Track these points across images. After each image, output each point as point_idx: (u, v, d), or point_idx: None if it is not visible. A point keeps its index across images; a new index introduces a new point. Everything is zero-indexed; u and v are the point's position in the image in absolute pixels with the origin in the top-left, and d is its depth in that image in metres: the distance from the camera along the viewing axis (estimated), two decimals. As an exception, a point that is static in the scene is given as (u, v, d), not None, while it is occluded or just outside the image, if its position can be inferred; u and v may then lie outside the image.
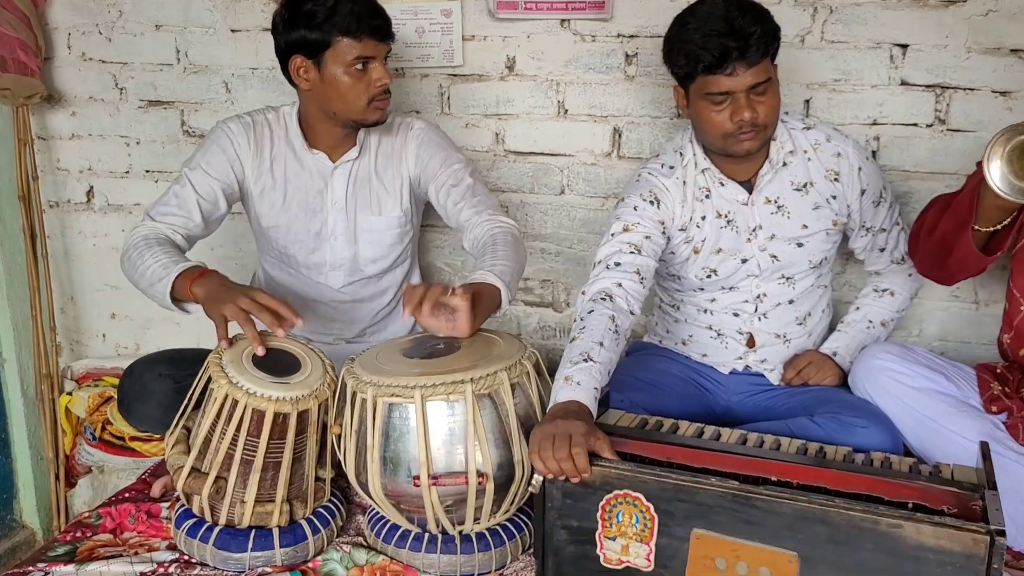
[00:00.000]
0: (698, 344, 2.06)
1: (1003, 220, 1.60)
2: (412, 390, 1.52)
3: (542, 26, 2.31)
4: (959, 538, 1.23)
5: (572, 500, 1.44)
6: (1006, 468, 1.64)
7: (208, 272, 1.77)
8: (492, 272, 1.72)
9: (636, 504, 1.40)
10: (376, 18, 1.84)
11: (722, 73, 1.73)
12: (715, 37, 1.71)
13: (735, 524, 1.35)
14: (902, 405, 1.76)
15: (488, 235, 1.85)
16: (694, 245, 1.95)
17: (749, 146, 1.81)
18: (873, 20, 2.14)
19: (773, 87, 1.79)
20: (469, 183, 1.97)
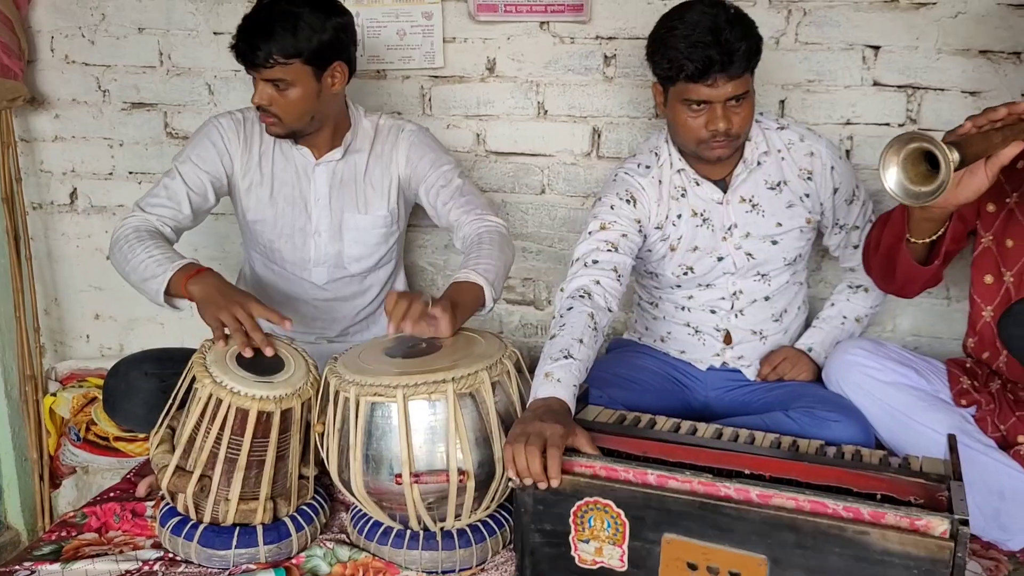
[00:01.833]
0: (676, 341, 2.10)
1: (936, 231, 1.63)
2: (394, 389, 1.55)
3: (522, 28, 2.34)
4: (924, 544, 1.26)
5: (544, 506, 1.46)
6: (975, 460, 1.69)
7: (204, 271, 1.79)
8: (476, 271, 1.76)
9: (607, 510, 1.43)
10: (246, 54, 1.85)
11: (703, 83, 1.76)
12: (701, 48, 1.73)
13: (705, 529, 1.37)
14: (874, 399, 1.79)
15: (475, 234, 1.89)
16: (670, 243, 1.98)
17: (720, 153, 1.85)
18: (846, 22, 2.18)
19: (749, 98, 1.82)
20: (458, 184, 2.00)
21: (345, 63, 1.93)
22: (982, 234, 1.77)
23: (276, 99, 1.88)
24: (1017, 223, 1.71)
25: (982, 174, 1.45)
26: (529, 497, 1.47)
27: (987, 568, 1.61)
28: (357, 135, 2.05)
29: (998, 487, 1.67)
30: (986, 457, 1.70)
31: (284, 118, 1.91)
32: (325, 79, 1.90)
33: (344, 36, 1.91)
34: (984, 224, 1.76)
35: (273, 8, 1.85)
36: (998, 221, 1.74)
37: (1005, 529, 1.66)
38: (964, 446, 1.67)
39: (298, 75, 1.85)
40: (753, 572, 1.36)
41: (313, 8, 1.85)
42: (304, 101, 1.89)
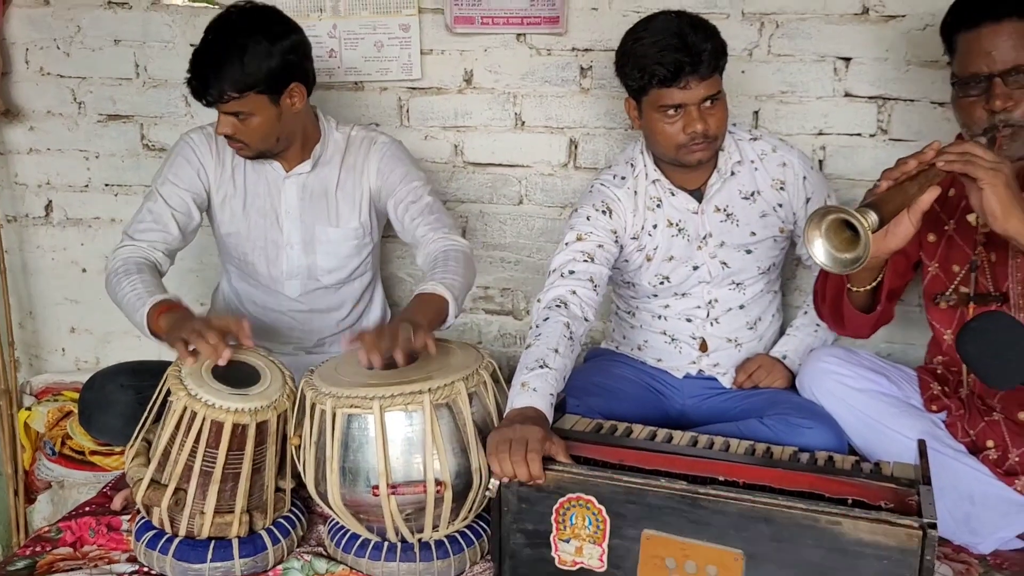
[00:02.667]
0: (653, 349, 2.12)
1: (875, 278, 1.66)
2: (371, 401, 1.55)
3: (499, 40, 2.35)
4: (894, 533, 1.29)
5: (528, 504, 1.48)
6: (945, 465, 1.71)
7: (175, 306, 1.80)
8: (442, 283, 1.77)
9: (588, 507, 1.44)
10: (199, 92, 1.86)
11: (676, 86, 1.79)
12: (670, 52, 1.76)
13: (683, 524, 1.39)
14: (846, 406, 1.81)
15: (441, 251, 1.90)
16: (646, 253, 2.00)
17: (700, 156, 1.87)
18: (817, 34, 2.21)
19: (722, 100, 1.86)
20: (428, 201, 2.01)
21: (301, 82, 1.92)
22: (928, 263, 1.80)
23: (239, 128, 1.89)
24: (959, 248, 1.75)
25: (907, 222, 1.48)
26: (513, 495, 1.49)
27: (958, 571, 1.64)
28: (328, 147, 2.06)
29: (968, 491, 1.69)
30: (956, 462, 1.72)
31: (250, 143, 1.92)
32: (283, 102, 1.90)
33: (294, 57, 1.89)
34: (927, 254, 1.80)
35: (219, 42, 1.84)
36: (940, 249, 1.78)
37: (975, 533, 1.68)
38: (935, 451, 1.70)
39: (255, 105, 1.86)
40: (729, 567, 1.38)
41: (259, 36, 1.84)
42: (266, 126, 1.90)
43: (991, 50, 1.58)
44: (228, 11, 1.90)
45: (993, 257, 1.69)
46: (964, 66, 1.64)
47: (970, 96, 1.63)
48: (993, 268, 1.69)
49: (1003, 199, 1.43)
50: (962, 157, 1.44)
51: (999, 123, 1.59)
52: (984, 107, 1.61)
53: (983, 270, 1.71)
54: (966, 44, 1.63)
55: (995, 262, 1.69)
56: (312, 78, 1.98)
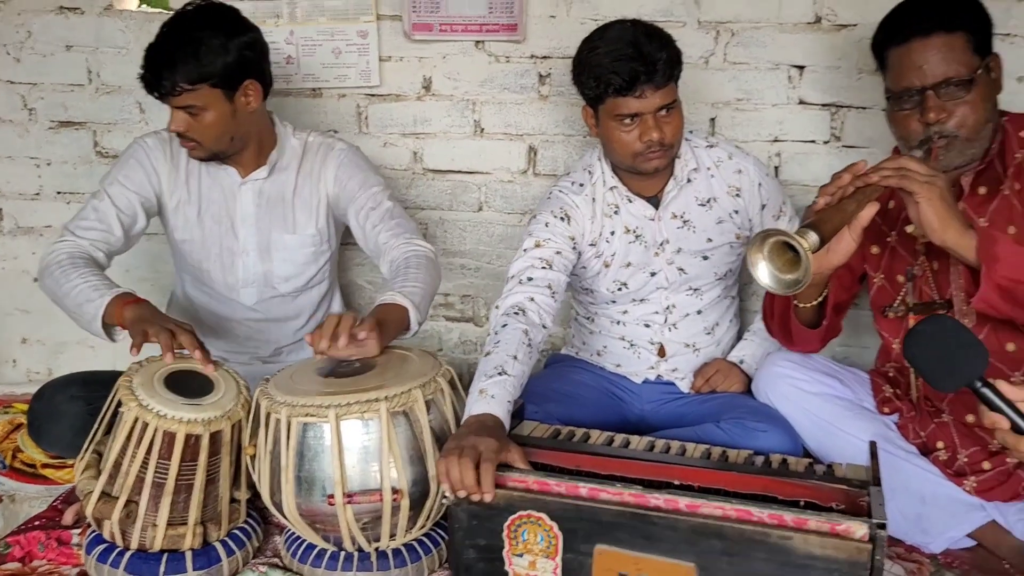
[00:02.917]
0: (612, 355, 2.12)
1: (820, 293, 1.70)
2: (326, 409, 1.54)
3: (457, 47, 2.36)
4: (844, 547, 1.29)
5: (478, 521, 1.47)
6: (897, 466, 1.74)
7: (142, 301, 1.77)
8: (402, 293, 1.76)
9: (540, 523, 1.44)
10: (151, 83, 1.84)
11: (631, 95, 1.80)
12: (625, 61, 1.78)
13: (635, 539, 1.39)
14: (801, 409, 1.84)
15: (403, 258, 1.88)
16: (604, 259, 2.01)
17: (657, 163, 1.88)
18: (772, 43, 2.24)
19: (678, 108, 1.87)
20: (388, 207, 2.00)
21: (257, 81, 1.90)
22: (872, 275, 1.84)
23: (192, 124, 1.86)
24: (902, 259, 1.78)
25: (848, 238, 1.51)
26: (463, 512, 1.47)
27: (910, 571, 1.66)
28: (284, 153, 2.04)
29: (919, 492, 1.72)
30: (908, 463, 1.75)
31: (203, 142, 1.89)
32: (238, 99, 1.88)
33: (251, 54, 1.88)
34: (871, 266, 1.83)
35: (174, 35, 1.83)
36: (884, 260, 1.81)
37: (926, 532, 1.71)
38: (887, 453, 1.73)
39: (208, 99, 1.84)
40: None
41: (215, 30, 1.83)
42: (220, 123, 1.87)
43: (922, 64, 1.62)
44: (185, 7, 1.89)
45: (936, 265, 1.72)
46: (897, 81, 1.68)
47: (904, 110, 1.67)
48: (936, 276, 1.73)
49: (939, 211, 1.46)
50: (898, 172, 1.47)
51: (934, 135, 1.63)
52: (919, 120, 1.64)
53: (925, 279, 1.75)
54: (897, 59, 1.67)
55: (937, 270, 1.72)
56: (269, 80, 1.97)
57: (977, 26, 1.65)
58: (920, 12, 1.65)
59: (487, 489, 1.42)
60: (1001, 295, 1.46)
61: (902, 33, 1.66)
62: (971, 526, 1.70)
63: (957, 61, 1.61)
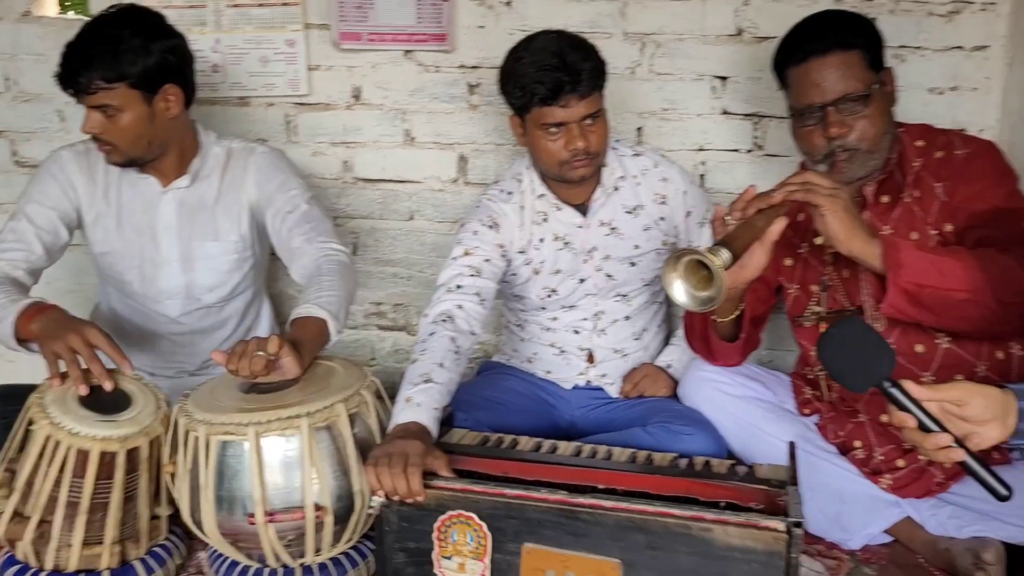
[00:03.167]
0: (542, 361, 2.14)
1: (737, 308, 1.75)
2: (246, 427, 1.51)
3: (386, 57, 2.36)
4: (761, 537, 1.33)
5: (408, 523, 1.46)
6: (817, 466, 1.78)
7: (47, 308, 1.71)
8: (317, 304, 1.72)
9: (469, 523, 1.44)
10: (67, 80, 1.81)
11: (556, 105, 1.82)
12: (549, 71, 1.80)
13: (562, 536, 1.40)
14: (725, 412, 1.87)
15: (314, 265, 1.85)
16: (534, 267, 2.03)
17: (584, 172, 1.91)
18: (695, 54, 2.29)
19: (603, 117, 1.90)
20: (305, 209, 1.97)
21: (179, 86, 1.87)
22: (788, 286, 1.89)
23: (107, 126, 1.82)
24: (814, 269, 1.84)
25: (760, 253, 1.55)
26: (394, 514, 1.47)
27: (830, 567, 1.70)
28: (207, 161, 2.01)
29: (838, 490, 1.77)
30: (827, 463, 1.80)
31: (119, 145, 1.85)
32: (157, 103, 1.85)
33: (173, 58, 1.85)
34: (786, 278, 1.88)
35: (94, 34, 1.80)
36: (797, 271, 1.86)
37: (845, 529, 1.76)
38: (807, 453, 1.77)
39: (125, 99, 1.80)
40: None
41: (136, 31, 1.80)
42: (136, 126, 1.84)
43: (820, 82, 1.68)
44: (107, 9, 1.86)
45: (846, 274, 1.78)
46: (798, 98, 1.74)
47: (807, 126, 1.73)
48: (846, 284, 1.78)
49: (844, 222, 1.52)
50: (803, 187, 1.53)
51: (836, 149, 1.70)
52: (821, 135, 1.71)
53: (836, 288, 1.80)
54: (797, 78, 1.74)
55: (847, 279, 1.78)
56: (192, 87, 1.93)
57: (870, 43, 1.72)
58: (816, 32, 1.72)
59: (417, 491, 1.42)
60: (907, 299, 1.51)
61: (800, 53, 1.72)
62: (887, 522, 1.75)
63: (854, 77, 1.67)
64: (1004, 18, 2.19)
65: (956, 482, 1.71)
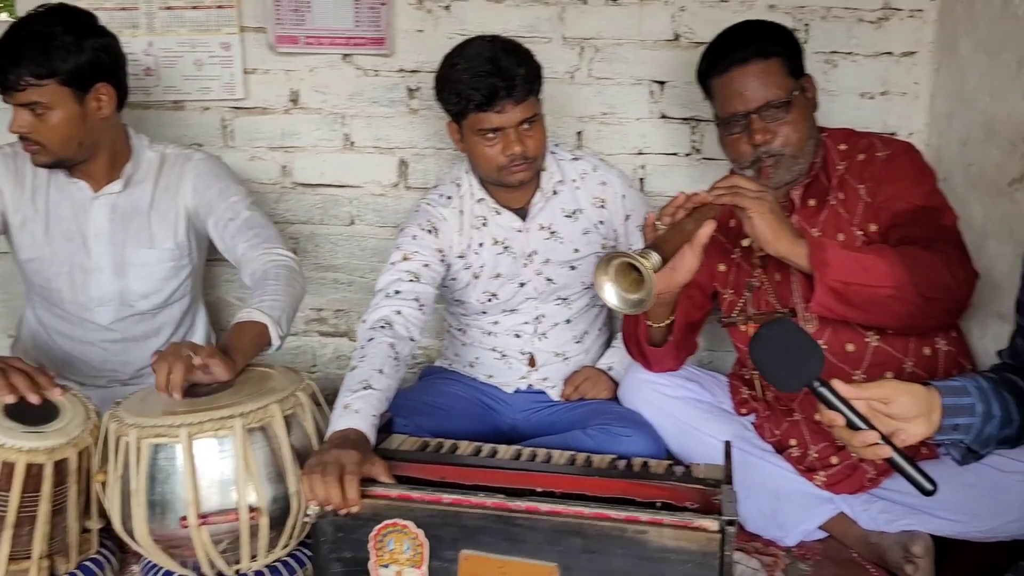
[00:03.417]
0: (484, 366, 2.14)
1: (671, 313, 1.77)
2: (178, 429, 1.49)
3: (324, 60, 2.34)
4: (695, 538, 1.34)
5: (344, 533, 1.45)
6: (754, 465, 1.81)
7: None
8: (260, 309, 1.71)
9: (406, 531, 1.43)
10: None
11: (492, 111, 1.82)
12: (484, 77, 1.80)
13: (499, 542, 1.40)
14: (663, 413, 1.89)
15: (261, 270, 1.84)
16: (473, 271, 2.03)
17: (522, 176, 1.91)
18: (634, 59, 2.32)
19: (540, 121, 1.91)
20: (247, 216, 1.95)
21: (111, 86, 1.84)
22: (722, 291, 1.92)
23: (36, 125, 1.78)
24: (747, 273, 1.87)
25: (690, 256, 1.58)
26: (329, 525, 1.45)
27: (767, 564, 1.73)
28: (140, 166, 1.97)
29: (774, 488, 1.80)
30: (763, 461, 1.83)
31: (47, 145, 1.81)
32: (89, 103, 1.81)
33: (106, 57, 1.83)
34: (720, 283, 1.92)
35: (24, 30, 1.76)
36: (730, 276, 1.90)
37: (781, 527, 1.79)
38: (744, 452, 1.80)
39: (55, 97, 1.77)
40: (547, 580, 1.40)
41: (68, 28, 1.77)
42: (66, 126, 1.80)
43: (743, 90, 1.73)
44: (38, 7, 1.82)
45: (778, 277, 1.81)
46: (723, 107, 1.78)
47: (733, 134, 1.77)
48: (779, 287, 1.82)
49: (770, 224, 1.55)
50: (730, 190, 1.56)
51: (762, 155, 1.74)
52: (747, 142, 1.75)
53: (765, 291, 1.84)
54: (721, 88, 1.78)
55: (780, 281, 1.81)
56: (124, 88, 1.90)
57: (789, 51, 1.77)
58: (736, 43, 1.77)
59: (352, 501, 1.40)
60: (835, 297, 1.55)
61: (722, 63, 1.77)
62: (822, 518, 1.78)
63: (775, 85, 1.72)
64: (931, 24, 2.26)
65: (887, 478, 1.75)
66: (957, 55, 2.16)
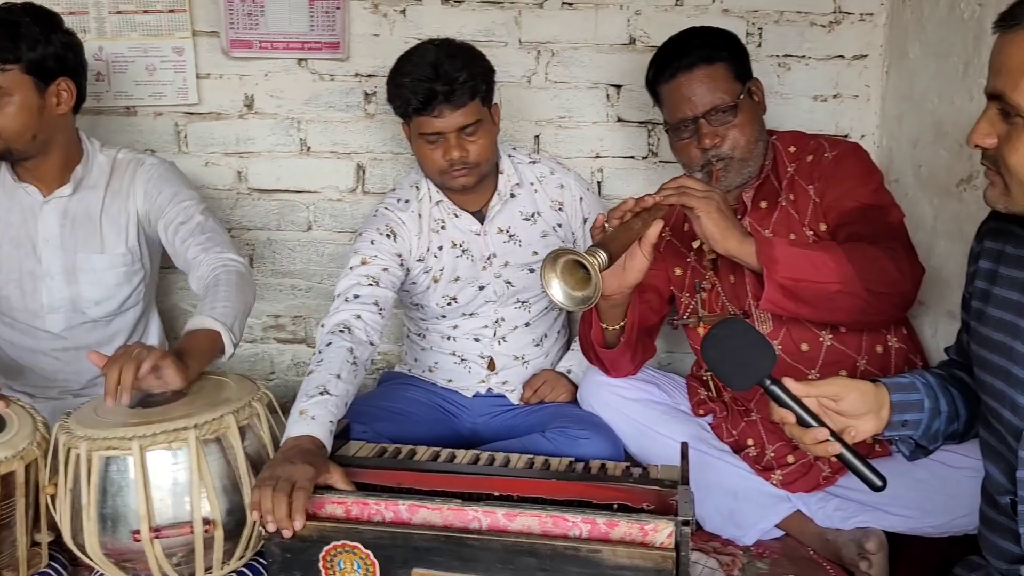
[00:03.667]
0: (443, 370, 2.13)
1: (625, 315, 1.77)
2: (129, 441, 1.46)
3: (279, 65, 2.31)
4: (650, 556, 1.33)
5: (292, 554, 1.42)
6: (711, 465, 1.83)
7: None
8: (212, 316, 1.68)
9: (355, 552, 1.41)
10: None
11: (430, 115, 1.82)
12: (423, 82, 1.80)
13: (451, 561, 1.38)
14: (621, 415, 1.90)
15: (212, 275, 1.80)
16: (433, 275, 2.02)
17: (464, 182, 1.91)
18: (590, 63, 2.33)
19: (484, 128, 1.89)
20: (199, 220, 1.92)
21: (73, 84, 1.83)
22: (679, 295, 1.94)
23: None
24: (701, 275, 1.89)
25: (640, 256, 1.59)
26: (276, 546, 1.43)
27: (724, 563, 1.74)
28: (91, 170, 1.94)
29: (732, 488, 1.81)
30: (720, 461, 1.84)
31: (2, 132, 1.78)
32: (49, 96, 1.80)
33: (71, 55, 1.83)
34: (676, 286, 1.94)
35: None
36: (686, 279, 1.92)
37: (739, 526, 1.80)
38: (701, 452, 1.81)
39: (17, 84, 1.75)
40: (499, 599, 1.38)
41: (36, 20, 1.78)
42: (23, 115, 1.78)
43: (690, 96, 1.76)
44: (3, 4, 1.81)
45: (732, 279, 1.83)
46: (672, 114, 1.81)
47: (683, 139, 1.80)
48: (734, 289, 1.83)
49: (718, 222, 1.57)
50: (678, 190, 1.58)
51: (712, 159, 1.77)
52: (696, 147, 1.77)
53: (716, 293, 1.86)
54: (668, 94, 1.81)
55: (734, 283, 1.83)
56: (83, 91, 1.89)
57: (734, 55, 1.80)
58: (682, 50, 1.79)
59: (298, 517, 1.36)
60: (784, 294, 1.57)
61: (669, 70, 1.79)
62: (778, 517, 1.80)
63: (721, 89, 1.75)
64: (881, 28, 2.30)
65: (842, 476, 1.77)
66: (906, 58, 2.20)
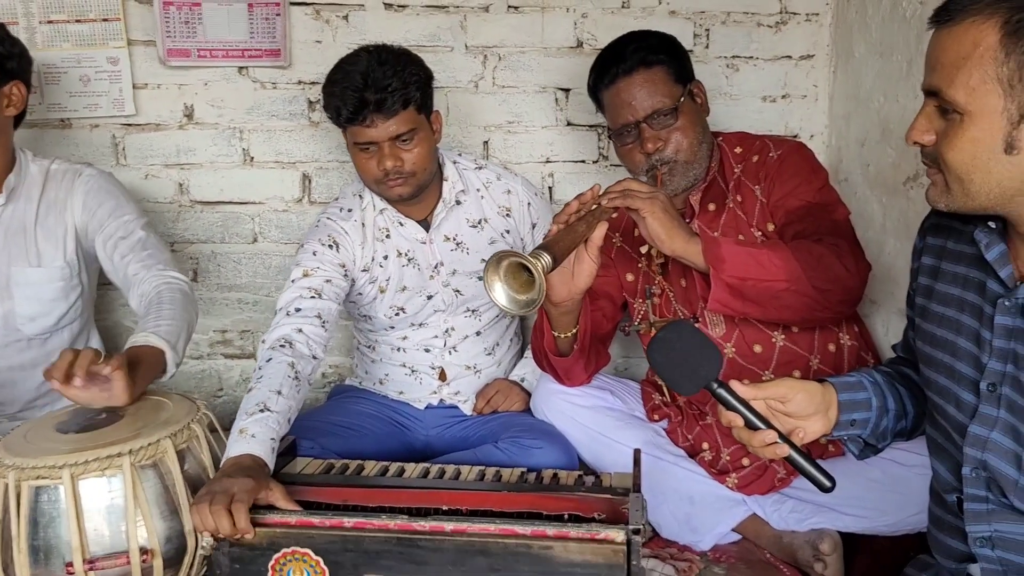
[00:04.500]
0: (394, 382, 2.09)
1: (577, 322, 1.76)
2: (60, 470, 1.39)
3: (219, 73, 2.26)
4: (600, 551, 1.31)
5: (240, 564, 1.38)
6: (667, 470, 1.80)
7: None
8: (156, 333, 1.62)
9: (306, 559, 1.37)
10: None
11: (362, 125, 1.79)
12: (352, 91, 1.76)
13: (403, 565, 1.35)
14: (575, 423, 1.87)
15: (154, 292, 1.74)
16: (379, 285, 1.97)
17: (400, 191, 1.87)
18: (537, 67, 2.30)
19: (421, 136, 1.84)
20: (140, 236, 1.86)
21: (25, 89, 1.80)
22: (632, 301, 1.92)
23: None
24: (652, 282, 1.88)
25: (588, 260, 1.57)
26: (225, 557, 1.38)
27: (681, 569, 1.72)
28: (24, 179, 1.86)
29: (688, 493, 1.79)
30: (676, 466, 1.82)
31: None
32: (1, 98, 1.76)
33: (22, 62, 1.80)
34: (629, 292, 1.92)
35: None
36: (639, 285, 1.91)
37: (696, 531, 1.78)
38: (656, 458, 1.79)
39: None
40: (451, 602, 1.35)
41: None
42: None
43: (631, 100, 1.75)
44: None
45: (683, 283, 1.81)
46: (614, 119, 1.80)
47: (627, 144, 1.79)
48: (684, 293, 1.82)
49: (663, 223, 1.55)
50: (622, 193, 1.56)
51: (656, 163, 1.75)
52: (640, 152, 1.76)
53: (667, 298, 1.84)
54: (610, 99, 1.80)
55: (685, 287, 1.81)
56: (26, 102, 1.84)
57: (673, 58, 1.79)
58: (620, 55, 1.78)
59: (243, 529, 1.33)
60: (731, 293, 1.55)
61: (608, 75, 1.78)
62: (734, 520, 1.78)
63: (661, 93, 1.74)
64: (827, 28, 2.31)
65: (797, 477, 1.76)
66: (852, 57, 2.21)
